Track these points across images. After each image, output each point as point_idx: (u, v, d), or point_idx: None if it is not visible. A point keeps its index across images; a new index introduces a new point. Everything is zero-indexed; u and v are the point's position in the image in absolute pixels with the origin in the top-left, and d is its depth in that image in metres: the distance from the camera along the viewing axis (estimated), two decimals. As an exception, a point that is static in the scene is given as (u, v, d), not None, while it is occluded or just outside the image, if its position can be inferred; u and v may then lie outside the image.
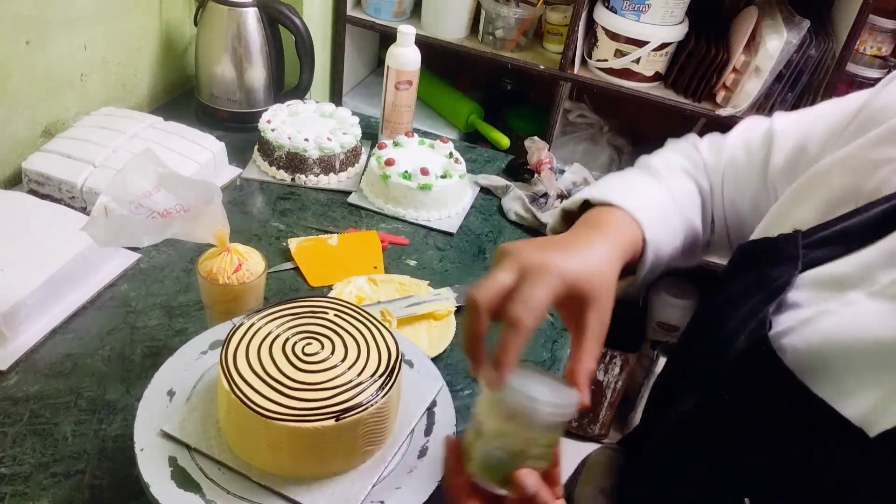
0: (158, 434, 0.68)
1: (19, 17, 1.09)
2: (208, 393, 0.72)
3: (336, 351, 0.70)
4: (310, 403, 0.64)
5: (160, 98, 1.47)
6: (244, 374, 0.66)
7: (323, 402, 0.65)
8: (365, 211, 1.22)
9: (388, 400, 0.67)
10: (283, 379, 0.66)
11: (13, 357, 0.87)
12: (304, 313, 0.73)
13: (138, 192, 0.78)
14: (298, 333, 0.71)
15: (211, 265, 0.84)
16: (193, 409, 0.70)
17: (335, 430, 0.64)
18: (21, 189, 1.12)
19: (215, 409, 0.70)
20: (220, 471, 0.66)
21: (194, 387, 0.73)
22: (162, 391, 0.72)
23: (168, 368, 0.74)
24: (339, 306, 0.75)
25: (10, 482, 0.74)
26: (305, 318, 0.73)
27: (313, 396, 0.65)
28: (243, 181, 1.25)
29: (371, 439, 0.68)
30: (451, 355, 0.96)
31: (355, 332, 0.72)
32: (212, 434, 0.69)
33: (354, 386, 0.66)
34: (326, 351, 0.70)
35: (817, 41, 1.60)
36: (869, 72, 2.01)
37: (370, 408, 0.65)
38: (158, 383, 0.72)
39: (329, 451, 0.66)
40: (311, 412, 0.64)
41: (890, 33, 1.98)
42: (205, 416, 0.70)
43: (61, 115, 1.24)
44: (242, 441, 0.67)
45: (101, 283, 0.98)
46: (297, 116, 1.33)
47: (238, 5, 1.31)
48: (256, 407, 0.63)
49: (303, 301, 0.75)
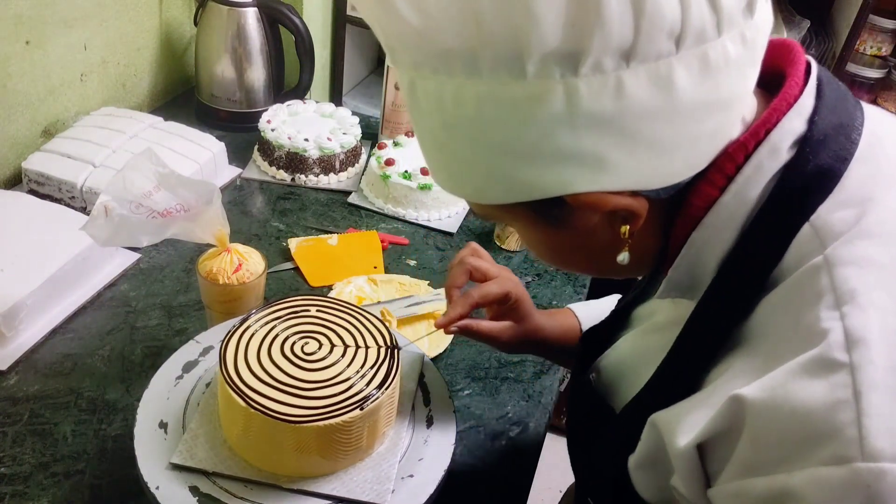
0: (168, 468, 0.66)
1: (19, 17, 1.09)
2: (204, 415, 0.71)
3: (333, 345, 0.70)
4: (329, 399, 0.65)
5: (160, 98, 1.47)
6: (254, 385, 0.65)
7: (341, 395, 0.65)
8: (365, 211, 1.22)
9: (398, 379, 0.69)
10: (294, 381, 0.66)
11: (13, 357, 0.87)
12: (286, 316, 0.73)
13: (138, 192, 0.78)
14: (293, 335, 0.71)
15: (211, 265, 0.84)
16: (195, 435, 0.69)
17: (361, 419, 0.65)
18: (21, 189, 1.12)
19: (218, 428, 0.70)
20: (246, 487, 0.66)
21: (184, 412, 0.72)
22: (153, 426, 0.70)
23: (150, 400, 0.72)
24: (319, 303, 0.75)
25: (10, 482, 0.73)
26: (292, 320, 0.73)
27: (329, 392, 0.66)
28: (243, 181, 1.25)
29: (388, 420, 0.70)
30: (451, 355, 0.96)
31: (343, 323, 0.73)
32: (224, 454, 0.68)
33: (363, 374, 0.67)
34: (324, 348, 0.70)
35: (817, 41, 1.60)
36: (869, 72, 2.01)
37: (387, 390, 0.66)
38: (145, 419, 0.70)
39: (354, 441, 0.66)
40: (333, 408, 0.64)
41: (890, 33, 1.98)
42: (211, 439, 0.69)
43: (61, 115, 1.24)
44: (265, 452, 0.66)
45: (101, 283, 0.98)
46: (297, 116, 1.33)
47: (238, 5, 1.31)
48: (280, 415, 0.63)
49: (283, 303, 0.74)
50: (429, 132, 0.47)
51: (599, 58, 0.39)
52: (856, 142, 0.46)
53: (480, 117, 0.43)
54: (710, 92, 0.42)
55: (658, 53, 0.40)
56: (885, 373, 0.38)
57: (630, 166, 0.43)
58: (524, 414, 0.89)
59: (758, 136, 0.46)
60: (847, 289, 0.41)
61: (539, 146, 0.43)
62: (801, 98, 0.46)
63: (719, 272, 0.48)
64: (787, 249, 0.45)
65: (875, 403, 0.37)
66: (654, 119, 0.42)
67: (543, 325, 0.77)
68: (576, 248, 0.52)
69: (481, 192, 0.48)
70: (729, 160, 0.46)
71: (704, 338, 0.48)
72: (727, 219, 0.47)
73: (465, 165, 0.47)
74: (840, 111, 0.47)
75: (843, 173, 0.45)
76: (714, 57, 0.41)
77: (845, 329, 0.40)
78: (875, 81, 2.04)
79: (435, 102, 0.44)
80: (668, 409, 0.49)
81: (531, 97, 0.41)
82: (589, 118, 0.41)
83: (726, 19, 0.41)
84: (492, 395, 0.91)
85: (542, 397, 0.92)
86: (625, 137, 0.42)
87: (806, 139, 0.45)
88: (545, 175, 0.44)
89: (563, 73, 0.40)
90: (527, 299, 0.75)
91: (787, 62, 0.49)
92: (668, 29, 0.39)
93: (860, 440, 0.37)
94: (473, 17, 0.39)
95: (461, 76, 0.42)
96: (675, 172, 0.45)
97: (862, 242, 0.43)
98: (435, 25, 0.40)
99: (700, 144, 0.45)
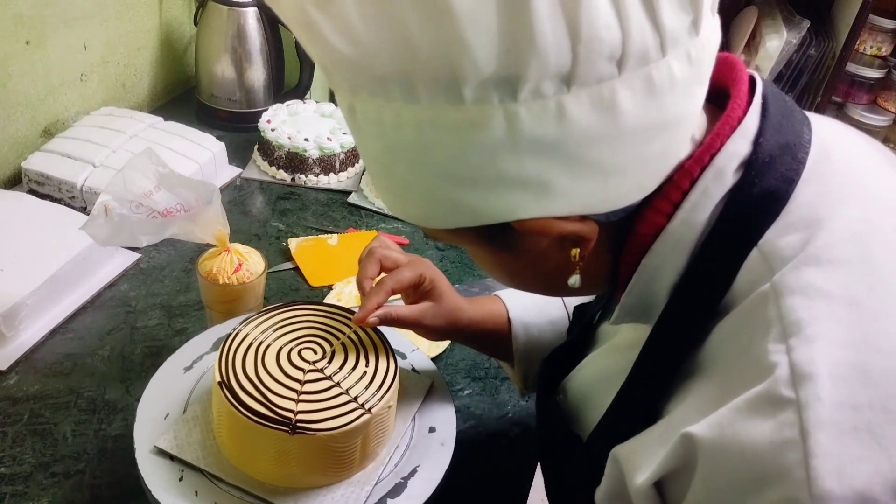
0: (153, 451, 0.66)
1: (19, 17, 1.09)
2: (203, 408, 0.71)
3: (334, 355, 0.69)
4: (321, 413, 0.63)
5: (160, 98, 1.47)
6: (248, 389, 0.65)
7: (338, 408, 0.64)
8: (365, 211, 1.22)
9: (393, 397, 0.67)
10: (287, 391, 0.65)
11: (13, 357, 0.87)
12: (286, 321, 0.72)
13: (139, 192, 0.78)
14: (290, 342, 0.70)
15: (211, 265, 0.84)
16: (189, 426, 0.69)
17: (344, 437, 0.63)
18: (21, 189, 1.12)
19: (210, 424, 0.70)
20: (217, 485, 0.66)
21: (185, 412, 0.71)
22: (153, 426, 0.69)
23: (150, 400, 0.72)
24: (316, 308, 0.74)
25: (10, 482, 0.73)
26: (290, 325, 0.72)
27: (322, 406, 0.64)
28: (243, 181, 1.25)
29: (377, 441, 0.68)
30: (450, 355, 0.96)
31: (338, 333, 0.72)
32: (210, 449, 0.68)
33: (358, 387, 0.66)
34: (325, 357, 0.69)
35: (817, 41, 1.60)
36: (869, 72, 2.01)
37: (390, 389, 0.66)
38: (145, 418, 0.70)
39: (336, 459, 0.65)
40: (321, 418, 0.63)
41: (890, 33, 1.98)
42: (202, 432, 0.69)
43: (61, 115, 1.24)
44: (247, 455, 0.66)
45: (101, 283, 0.98)
46: (297, 116, 1.33)
47: (238, 5, 1.31)
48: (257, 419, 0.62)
49: (282, 309, 0.74)
50: (372, 155, 0.46)
51: (538, 83, 0.38)
52: (803, 161, 0.45)
53: (421, 142, 0.41)
54: (657, 113, 0.41)
55: (599, 77, 0.38)
56: (832, 409, 0.37)
57: (576, 191, 0.42)
58: (524, 414, 0.89)
59: (702, 161, 0.45)
60: (793, 319, 0.40)
61: (482, 171, 0.42)
62: (745, 119, 0.45)
63: (671, 298, 0.48)
64: (736, 275, 0.44)
65: (822, 443, 0.37)
66: (599, 143, 0.40)
67: (463, 307, 0.75)
68: (526, 271, 0.51)
69: (427, 217, 0.47)
70: (674, 187, 0.45)
71: (660, 364, 0.48)
72: (676, 245, 0.46)
73: (408, 189, 0.45)
74: (786, 129, 0.46)
75: (790, 195, 0.44)
76: (658, 78, 0.40)
77: (791, 363, 0.39)
78: (875, 81, 2.04)
79: (375, 126, 0.43)
80: (627, 441, 0.49)
81: (470, 123, 0.40)
82: (531, 143, 0.40)
83: (670, 39, 0.39)
84: (492, 395, 0.91)
85: (542, 397, 0.92)
86: (570, 162, 0.41)
87: (751, 162, 0.44)
88: (489, 200, 0.43)
89: (502, 99, 0.39)
90: (442, 279, 0.74)
91: (729, 80, 0.48)
92: (608, 52, 0.38)
93: (808, 481, 0.36)
94: (405, 43, 0.38)
95: (399, 101, 0.40)
96: (623, 195, 0.44)
97: (809, 270, 0.42)
98: (366, 52, 0.39)
99: (648, 166, 0.44)
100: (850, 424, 0.37)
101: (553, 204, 0.43)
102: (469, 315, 0.76)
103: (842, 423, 0.37)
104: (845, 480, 0.36)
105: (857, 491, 0.36)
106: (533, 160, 0.41)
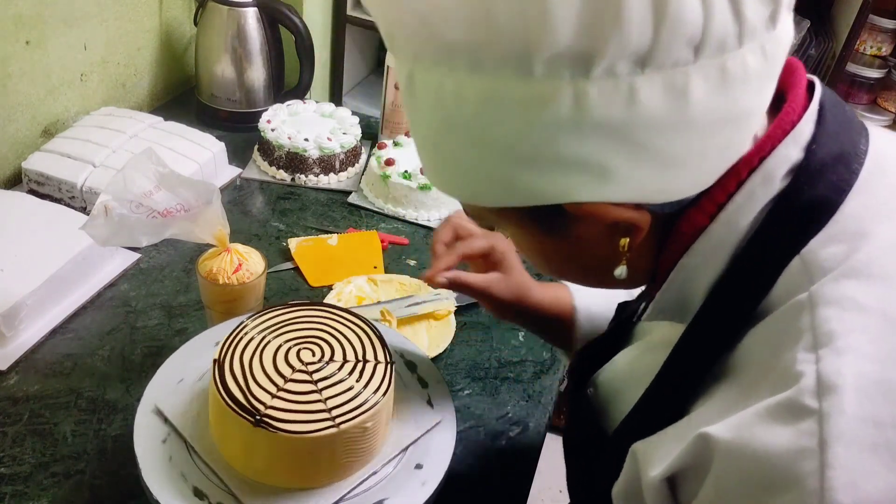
0: (153, 411, 0.69)
1: (19, 17, 1.09)
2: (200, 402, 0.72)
3: (330, 363, 0.69)
4: (291, 415, 0.63)
5: (160, 98, 1.47)
6: (236, 373, 0.65)
7: (309, 414, 0.64)
8: (365, 211, 1.22)
9: (373, 420, 0.66)
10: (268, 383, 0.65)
11: (13, 357, 0.87)
12: (289, 321, 0.72)
13: (139, 192, 0.78)
14: (294, 340, 0.70)
15: (211, 265, 0.84)
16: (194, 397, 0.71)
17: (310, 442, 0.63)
18: (21, 189, 1.12)
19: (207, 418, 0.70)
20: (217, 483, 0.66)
21: (185, 412, 0.71)
22: (153, 426, 0.70)
23: (150, 400, 0.72)
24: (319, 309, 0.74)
25: (10, 482, 0.73)
26: (293, 325, 0.72)
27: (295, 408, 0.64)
28: (243, 181, 1.25)
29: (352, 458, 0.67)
30: (450, 355, 0.96)
31: (338, 334, 0.72)
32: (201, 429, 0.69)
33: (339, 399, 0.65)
34: (321, 362, 0.68)
35: (817, 41, 1.60)
36: (869, 72, 2.01)
37: (369, 411, 0.65)
38: (145, 419, 0.70)
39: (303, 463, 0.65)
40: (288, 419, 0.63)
41: (890, 33, 1.98)
42: (201, 422, 0.70)
43: (61, 114, 1.24)
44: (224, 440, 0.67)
45: (101, 283, 0.98)
46: (297, 116, 1.33)
47: (238, 5, 1.31)
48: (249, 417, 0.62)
49: (286, 308, 0.74)
50: (425, 129, 0.45)
51: (614, 61, 0.37)
52: (856, 172, 0.45)
53: (481, 116, 0.41)
54: (726, 106, 0.40)
55: (675, 61, 0.38)
56: (854, 423, 0.37)
57: (635, 177, 0.42)
58: (524, 414, 0.89)
59: (751, 163, 0.44)
60: (826, 330, 0.39)
61: (542, 150, 0.41)
62: (800, 124, 0.45)
63: (708, 299, 0.47)
64: (775, 282, 0.44)
65: (840, 455, 0.36)
66: (664, 130, 0.40)
67: (532, 285, 0.75)
68: (571, 258, 0.51)
69: (477, 195, 0.46)
70: (720, 188, 0.45)
71: (691, 364, 0.48)
72: (717, 246, 0.46)
73: (462, 166, 0.45)
74: (842, 139, 0.45)
75: (839, 205, 0.44)
76: (733, 69, 0.39)
77: (818, 374, 0.38)
78: (875, 81, 2.04)
79: (433, 98, 0.42)
80: (648, 438, 0.48)
81: (537, 98, 0.39)
82: (597, 124, 0.39)
83: (748, 30, 0.38)
84: (492, 395, 0.91)
85: (542, 397, 0.92)
86: (632, 147, 0.40)
87: (802, 168, 0.44)
88: (546, 181, 0.42)
89: (574, 75, 0.38)
90: (513, 254, 0.74)
91: (787, 82, 0.47)
92: (689, 36, 0.37)
93: (821, 492, 0.36)
94: (483, 7, 0.37)
95: (463, 71, 0.39)
96: (680, 188, 0.44)
97: (848, 282, 0.41)
98: (440, 13, 0.38)
99: (709, 160, 0.43)
100: (870, 440, 0.37)
101: (610, 189, 0.42)
102: (537, 295, 0.75)
103: (862, 438, 0.37)
104: (859, 495, 0.36)
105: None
106: (595, 142, 0.40)
